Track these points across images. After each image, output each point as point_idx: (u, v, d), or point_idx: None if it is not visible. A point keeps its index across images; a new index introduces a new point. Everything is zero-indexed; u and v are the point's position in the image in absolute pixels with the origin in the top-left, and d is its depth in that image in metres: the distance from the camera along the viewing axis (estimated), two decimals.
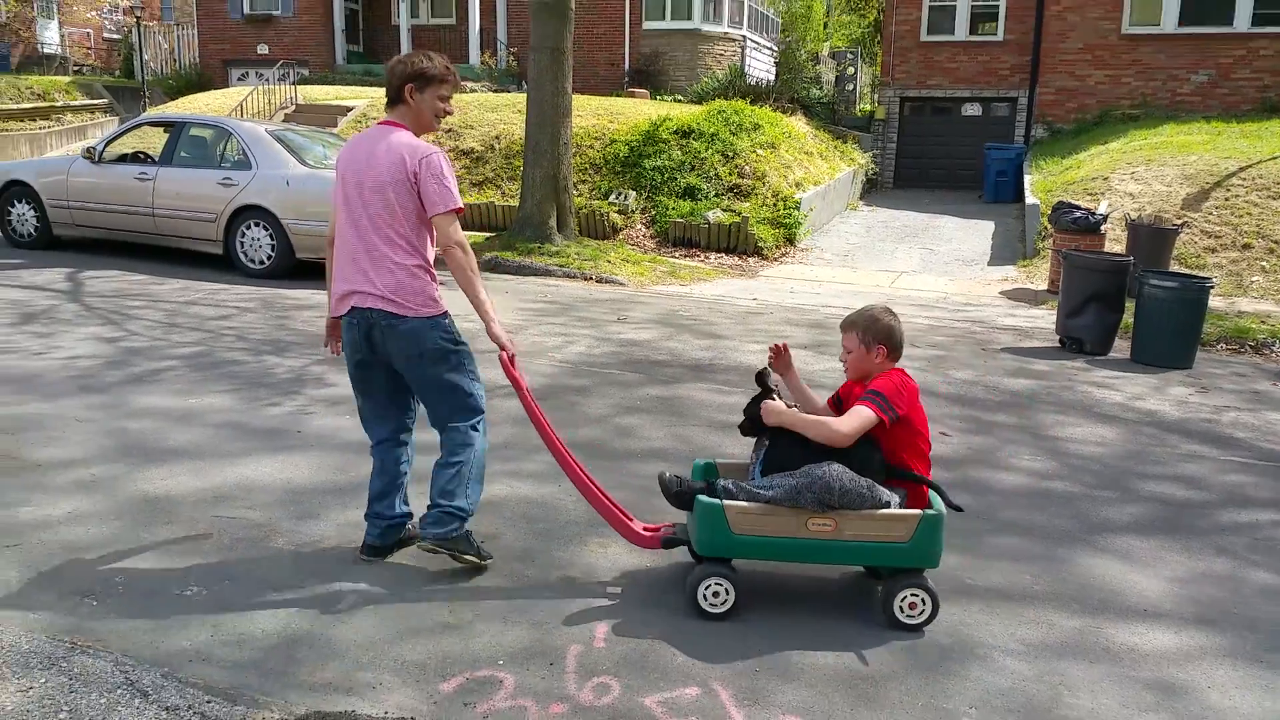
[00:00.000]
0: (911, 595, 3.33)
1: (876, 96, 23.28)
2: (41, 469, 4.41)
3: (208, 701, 2.75)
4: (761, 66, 23.74)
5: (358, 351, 3.58)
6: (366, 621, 3.25)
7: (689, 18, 22.26)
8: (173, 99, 22.65)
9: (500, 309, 9.05)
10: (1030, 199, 14.96)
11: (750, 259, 13.13)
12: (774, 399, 3.52)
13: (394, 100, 3.57)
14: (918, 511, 3.32)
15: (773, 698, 2.93)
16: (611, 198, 14.20)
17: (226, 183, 9.95)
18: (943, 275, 12.95)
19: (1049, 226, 12.36)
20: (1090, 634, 3.43)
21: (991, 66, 21.32)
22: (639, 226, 13.84)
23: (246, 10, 24.97)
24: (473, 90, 20.37)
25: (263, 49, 24.63)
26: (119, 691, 2.77)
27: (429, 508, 3.60)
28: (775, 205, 14.17)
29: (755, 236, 13.30)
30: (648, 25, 22.60)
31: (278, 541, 3.81)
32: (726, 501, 3.35)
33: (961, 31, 21.39)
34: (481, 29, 23.17)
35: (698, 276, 11.88)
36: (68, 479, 4.31)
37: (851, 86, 25.97)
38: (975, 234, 15.61)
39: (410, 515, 3.82)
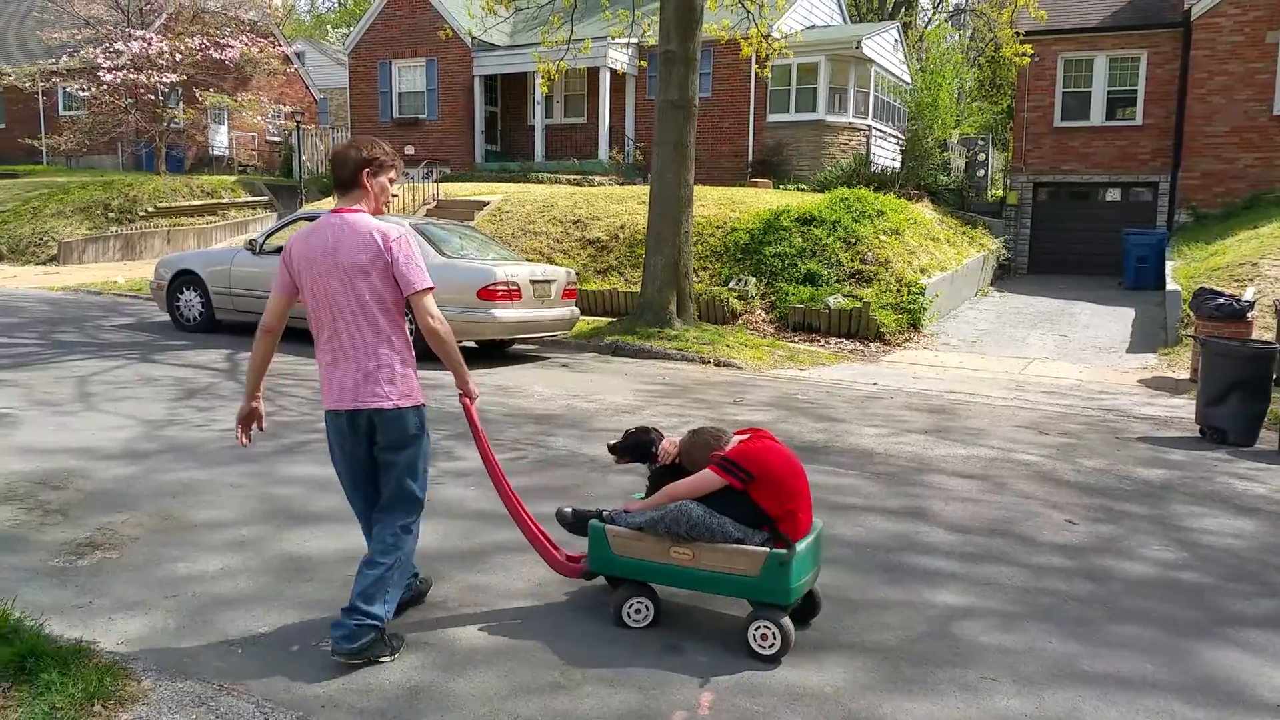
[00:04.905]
0: (764, 627, 3.62)
1: (1008, 182, 23.02)
2: (198, 529, 4.80)
3: None
4: (887, 154, 23.85)
5: None
6: (483, 677, 3.41)
7: (813, 110, 22.65)
8: (326, 196, 24.29)
9: (618, 390, 9.25)
10: (1171, 285, 14.47)
11: (872, 344, 13.08)
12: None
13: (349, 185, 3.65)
14: (764, 549, 3.64)
15: None
16: (731, 284, 14.45)
17: None
18: (1077, 363, 12.59)
19: (1191, 314, 11.94)
20: None
21: (1130, 151, 20.81)
22: (758, 312, 14.01)
23: (395, 114, 26.86)
24: (600, 183, 21.18)
25: (409, 149, 26.29)
26: None
27: (345, 611, 3.48)
28: (899, 291, 14.12)
29: (877, 322, 13.26)
30: (772, 118, 23.11)
31: None
32: (608, 525, 3.88)
33: (1097, 117, 21.05)
34: (611, 126, 24.15)
35: (817, 361, 11.91)
36: (221, 539, 4.68)
37: (982, 173, 25.75)
38: (1113, 321, 15.14)
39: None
